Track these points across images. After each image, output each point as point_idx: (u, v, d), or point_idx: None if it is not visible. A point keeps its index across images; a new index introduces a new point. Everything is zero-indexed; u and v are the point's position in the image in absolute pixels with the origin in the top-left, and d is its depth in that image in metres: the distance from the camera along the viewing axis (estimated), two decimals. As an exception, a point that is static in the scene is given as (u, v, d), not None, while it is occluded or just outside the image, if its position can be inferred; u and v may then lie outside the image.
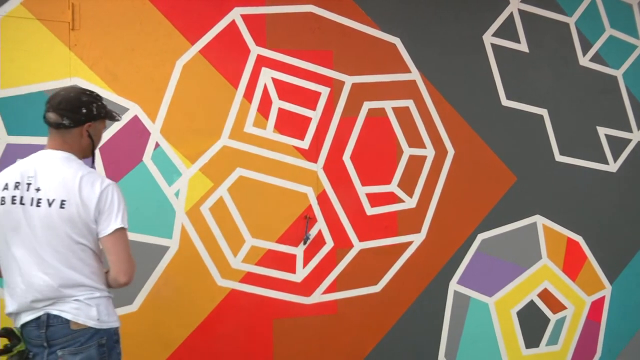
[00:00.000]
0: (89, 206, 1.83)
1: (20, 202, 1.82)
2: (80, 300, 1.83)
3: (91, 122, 1.92)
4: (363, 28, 3.00)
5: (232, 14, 2.79)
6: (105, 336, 1.86)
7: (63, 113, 1.87)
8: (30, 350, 1.83)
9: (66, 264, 1.82)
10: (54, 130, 1.89)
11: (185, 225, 2.72)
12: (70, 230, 1.81)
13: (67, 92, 1.92)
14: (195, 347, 2.75)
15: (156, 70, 2.68)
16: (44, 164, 1.86)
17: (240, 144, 2.80)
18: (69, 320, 1.81)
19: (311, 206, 2.90)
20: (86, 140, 1.94)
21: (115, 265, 1.88)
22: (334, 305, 2.96)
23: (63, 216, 1.81)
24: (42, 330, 1.81)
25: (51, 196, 1.81)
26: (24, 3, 2.53)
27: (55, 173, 1.84)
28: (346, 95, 2.96)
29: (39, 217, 1.81)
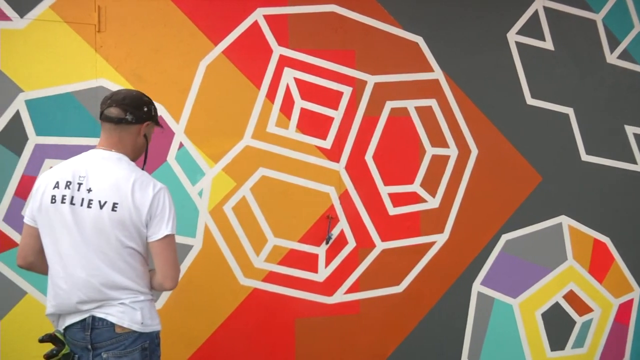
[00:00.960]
0: (141, 210, 1.82)
1: (70, 202, 1.81)
2: (125, 303, 1.83)
3: (149, 122, 1.95)
4: (385, 27, 2.99)
5: (254, 15, 2.81)
6: (148, 340, 1.87)
7: (127, 108, 1.89)
8: (75, 353, 1.85)
9: (113, 266, 1.82)
10: (113, 126, 1.89)
11: (208, 225, 2.75)
12: (120, 233, 1.81)
13: (129, 91, 1.98)
14: (218, 345, 2.77)
15: (180, 71, 2.72)
16: (96, 164, 1.86)
17: (263, 144, 2.81)
18: (114, 324, 1.82)
19: (333, 206, 2.90)
20: (141, 140, 1.96)
21: (162, 270, 1.88)
22: (356, 305, 2.95)
23: (114, 219, 1.80)
24: (87, 333, 1.82)
25: (103, 198, 1.81)
26: (52, 6, 2.58)
27: (107, 174, 1.84)
28: (368, 94, 2.95)
29: (89, 218, 1.81)
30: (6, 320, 2.55)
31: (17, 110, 2.54)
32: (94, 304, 1.82)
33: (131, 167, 1.89)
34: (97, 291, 1.81)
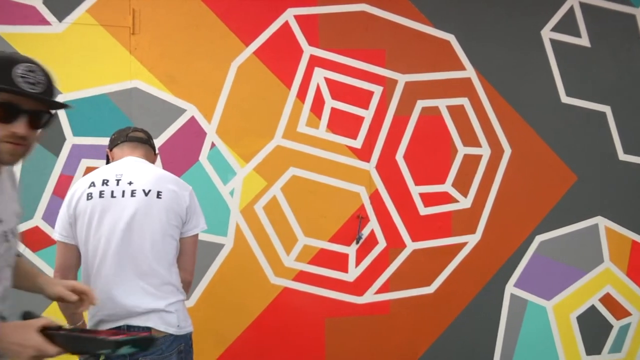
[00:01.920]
0: (182, 203, 1.89)
1: (111, 196, 1.84)
2: (162, 306, 1.82)
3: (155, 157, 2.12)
4: (416, 26, 2.96)
5: (285, 15, 2.82)
6: (183, 342, 1.88)
7: (148, 136, 2.08)
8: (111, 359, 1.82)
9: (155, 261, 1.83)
10: (141, 144, 2.02)
11: (239, 224, 2.77)
12: (165, 217, 1.84)
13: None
14: (249, 343, 2.80)
15: (212, 72, 2.75)
16: (132, 165, 1.93)
17: (294, 144, 2.83)
18: (150, 328, 1.81)
19: (364, 206, 2.89)
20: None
21: (188, 265, 1.95)
22: (386, 305, 2.94)
23: (160, 206, 1.84)
24: None
25: (147, 187, 1.85)
26: (89, 10, 2.64)
27: (147, 170, 1.91)
28: (399, 93, 2.93)
29: (134, 206, 1.82)
30: (45, 316, 2.62)
31: (55, 111, 2.61)
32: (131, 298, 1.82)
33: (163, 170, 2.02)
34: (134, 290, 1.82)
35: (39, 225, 2.62)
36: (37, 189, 2.61)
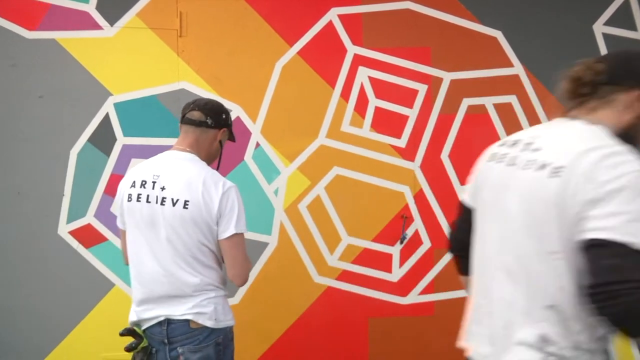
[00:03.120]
0: (210, 207, 1.86)
1: (146, 200, 1.89)
2: (198, 300, 1.87)
3: (225, 129, 2.03)
4: (462, 22, 2.91)
5: (329, 15, 2.82)
6: (221, 335, 1.91)
7: (208, 113, 1.97)
8: (152, 346, 1.91)
9: (185, 263, 1.86)
10: (193, 128, 1.96)
11: (283, 223, 2.79)
12: (191, 229, 1.85)
13: (210, 99, 2.08)
14: (293, 341, 2.82)
15: (257, 73, 2.78)
16: (170, 164, 1.93)
17: (338, 143, 2.82)
18: (189, 320, 1.86)
19: (408, 205, 2.87)
20: (216, 146, 2.03)
21: (230, 268, 1.93)
22: (431, 306, 2.90)
23: (185, 216, 1.85)
24: (163, 327, 1.88)
25: (175, 196, 1.86)
26: (138, 14, 2.72)
27: (180, 173, 1.89)
28: (445, 92, 2.89)
29: (163, 215, 1.86)
30: (96, 310, 2.72)
31: (107, 113, 2.70)
32: (167, 300, 1.88)
33: (202, 166, 1.93)
34: (172, 287, 1.87)
35: (91, 223, 2.71)
36: (89, 188, 2.71)
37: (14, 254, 2.67)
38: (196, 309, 1.87)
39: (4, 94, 2.66)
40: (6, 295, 2.68)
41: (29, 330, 2.69)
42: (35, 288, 2.69)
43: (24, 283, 2.68)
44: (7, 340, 2.68)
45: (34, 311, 2.69)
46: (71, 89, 2.69)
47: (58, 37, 2.68)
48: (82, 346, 2.71)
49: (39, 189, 2.68)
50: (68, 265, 2.70)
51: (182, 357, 1.86)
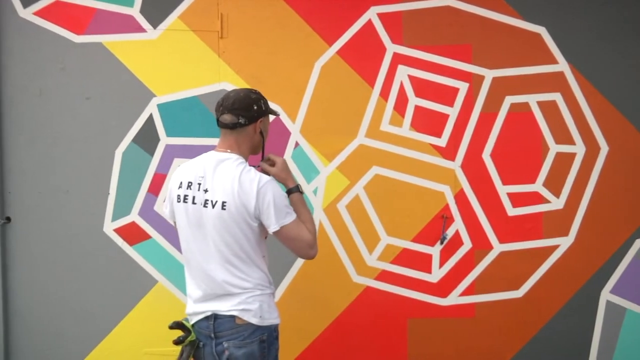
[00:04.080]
0: (247, 206, 1.90)
1: (192, 202, 1.95)
2: (244, 298, 1.92)
3: (262, 118, 2.02)
4: (504, 19, 2.84)
5: (368, 13, 2.81)
6: (266, 333, 1.95)
7: (238, 112, 1.96)
8: (200, 340, 1.97)
9: (230, 263, 1.92)
10: (229, 130, 1.98)
11: (322, 222, 2.80)
12: (233, 230, 1.90)
13: (237, 93, 2.03)
14: (331, 340, 2.82)
15: (296, 73, 2.79)
16: (212, 166, 1.96)
17: (377, 142, 2.81)
18: (234, 316, 1.92)
19: (448, 205, 2.83)
20: (258, 137, 2.04)
21: (294, 251, 2.03)
22: (471, 308, 2.85)
23: (225, 217, 1.90)
24: (210, 322, 1.94)
25: (215, 197, 1.91)
26: (180, 17, 2.77)
27: (219, 175, 1.94)
28: (486, 90, 2.83)
29: (207, 217, 1.92)
30: (139, 306, 2.79)
31: (151, 113, 2.77)
32: (215, 298, 1.94)
33: (240, 166, 1.95)
34: (218, 286, 1.93)
35: (136, 221, 2.78)
36: (133, 186, 2.78)
37: (61, 250, 2.77)
38: (242, 306, 1.92)
39: (54, 96, 2.76)
40: (55, 290, 2.78)
41: (76, 323, 2.78)
42: (82, 284, 2.78)
43: (71, 279, 2.78)
44: (57, 333, 2.78)
45: (80, 305, 2.78)
46: (116, 91, 2.76)
47: (104, 41, 2.77)
48: (126, 341, 2.79)
49: (85, 188, 2.76)
50: (113, 262, 2.78)
51: (227, 351, 1.90)
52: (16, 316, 2.77)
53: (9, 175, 2.76)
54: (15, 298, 2.77)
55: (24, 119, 2.76)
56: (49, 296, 2.78)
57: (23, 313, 2.78)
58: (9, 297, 2.77)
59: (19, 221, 2.76)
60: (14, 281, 2.77)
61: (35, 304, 2.78)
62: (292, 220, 1.96)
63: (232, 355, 1.90)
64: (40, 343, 2.78)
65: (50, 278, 2.78)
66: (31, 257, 2.77)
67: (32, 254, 2.77)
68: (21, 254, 2.77)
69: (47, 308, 2.78)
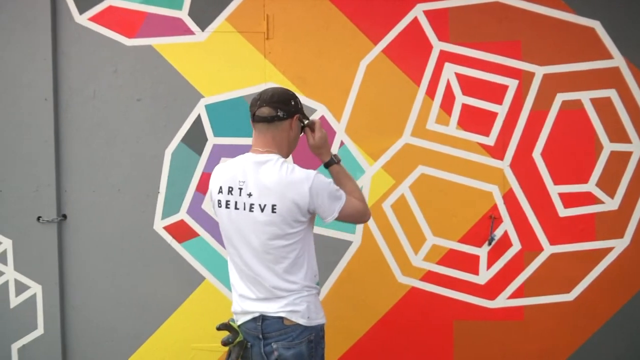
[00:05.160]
0: (301, 206, 1.88)
1: (234, 207, 1.92)
2: (292, 299, 1.91)
3: (298, 115, 2.00)
4: (556, 13, 2.76)
5: (414, 11, 2.78)
6: (313, 333, 1.94)
7: (277, 105, 1.93)
8: (248, 341, 1.96)
9: (276, 266, 1.90)
10: (266, 125, 1.93)
11: (367, 222, 2.78)
12: (282, 233, 1.88)
13: (274, 88, 2.02)
14: (376, 340, 2.81)
15: (341, 72, 2.79)
16: (252, 168, 1.92)
17: (423, 142, 2.78)
18: (282, 317, 1.91)
19: (496, 205, 2.77)
20: (293, 134, 2.00)
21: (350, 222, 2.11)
22: (520, 311, 2.78)
23: (276, 220, 1.87)
24: (258, 323, 1.93)
25: (262, 201, 1.88)
26: (227, 19, 2.82)
27: (264, 178, 1.89)
28: (536, 87, 2.76)
29: (252, 221, 1.89)
30: (187, 302, 2.85)
31: (199, 114, 2.82)
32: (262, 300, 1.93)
33: (284, 166, 1.90)
34: (265, 289, 1.92)
35: (184, 219, 2.85)
36: (182, 185, 2.85)
37: (114, 246, 2.87)
38: (289, 307, 1.91)
39: (107, 98, 2.85)
40: (107, 285, 2.87)
41: (127, 318, 2.87)
42: (133, 279, 2.86)
43: (122, 274, 2.87)
44: (109, 326, 2.88)
45: (131, 300, 2.87)
46: (166, 92, 2.84)
47: (154, 43, 2.84)
48: (174, 336, 2.86)
49: (136, 187, 2.85)
50: (162, 258, 2.86)
51: (276, 352, 1.90)
52: (72, 310, 2.89)
53: (65, 174, 2.87)
54: (71, 292, 2.89)
55: (79, 121, 2.87)
56: (102, 291, 2.88)
57: (78, 307, 2.89)
58: (65, 291, 2.89)
59: (74, 218, 2.88)
60: (70, 276, 2.88)
61: (90, 298, 2.89)
62: (344, 202, 1.96)
63: (281, 355, 1.90)
64: (94, 336, 2.89)
65: (103, 273, 2.88)
66: (86, 252, 2.88)
67: (86, 249, 2.88)
68: (76, 250, 2.88)
69: (100, 302, 2.88)
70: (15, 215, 2.86)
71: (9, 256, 2.88)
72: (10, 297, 2.88)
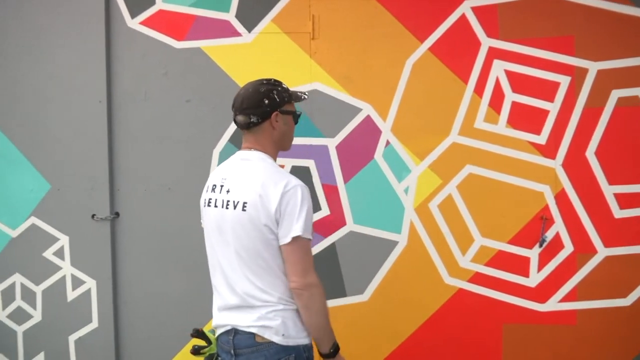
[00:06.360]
0: (269, 209, 1.69)
1: (214, 205, 1.80)
2: (265, 312, 1.72)
3: (277, 111, 1.82)
4: (612, 6, 2.65)
5: (461, 8, 2.73)
6: (293, 354, 1.72)
7: (248, 112, 1.80)
8: (219, 355, 1.82)
9: (249, 271, 1.73)
10: (246, 131, 1.84)
11: (413, 222, 2.76)
12: (253, 234, 1.71)
13: (245, 90, 1.87)
14: (422, 342, 2.78)
15: (387, 71, 2.78)
16: (236, 165, 1.83)
17: (471, 140, 2.73)
18: (254, 333, 1.72)
19: (548, 206, 2.68)
20: (277, 132, 1.84)
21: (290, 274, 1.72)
22: (572, 315, 2.69)
23: (244, 219, 1.72)
24: (230, 337, 1.77)
25: (236, 198, 1.75)
26: (274, 20, 2.85)
27: (242, 174, 1.79)
28: (590, 83, 2.66)
29: (229, 219, 1.75)
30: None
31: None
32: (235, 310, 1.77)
33: (265, 165, 1.79)
34: (238, 297, 1.75)
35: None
36: (229, 185, 2.89)
37: (164, 244, 2.94)
38: (261, 322, 1.72)
39: (158, 100, 2.93)
40: (157, 282, 2.95)
41: (177, 313, 2.94)
42: (182, 276, 2.93)
43: (172, 271, 2.94)
44: (159, 322, 2.96)
45: (180, 297, 2.94)
46: (214, 93, 2.89)
47: (202, 46, 2.90)
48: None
49: (186, 186, 2.91)
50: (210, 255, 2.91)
51: None
52: (124, 305, 2.98)
53: (118, 173, 2.97)
54: (123, 287, 2.98)
55: (131, 122, 2.96)
56: (152, 286, 2.96)
57: (130, 301, 2.98)
58: (118, 287, 2.99)
59: (126, 216, 2.97)
60: (122, 271, 2.98)
61: (141, 293, 2.97)
62: (307, 238, 1.71)
63: None
64: (145, 330, 2.97)
65: (153, 269, 2.96)
66: (137, 250, 2.97)
67: (138, 247, 2.97)
68: (128, 247, 2.98)
69: (150, 298, 2.96)
70: (71, 212, 2.98)
71: (66, 252, 3.01)
72: (67, 291, 3.01)
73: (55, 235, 3.01)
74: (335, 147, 2.81)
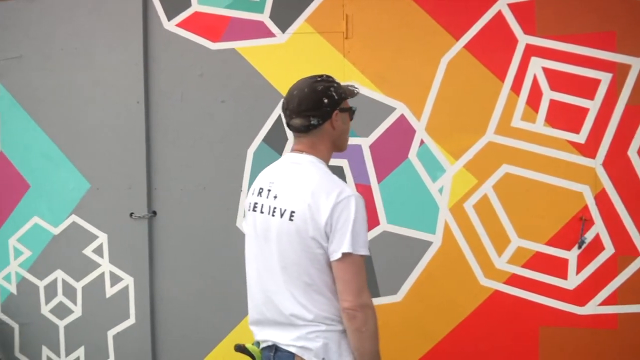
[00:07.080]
0: (318, 221, 1.56)
1: (260, 211, 1.68)
2: (305, 332, 1.60)
3: (337, 109, 1.70)
4: (658, -1, 2.57)
5: (498, 5, 2.68)
6: None
7: (308, 114, 1.66)
8: None
9: (293, 285, 1.61)
10: (303, 134, 1.70)
11: (448, 222, 2.73)
12: (299, 247, 1.59)
13: (300, 90, 1.71)
14: (457, 343, 2.74)
15: (421, 70, 2.75)
16: (285, 169, 1.72)
17: (507, 140, 2.68)
18: (293, 353, 1.61)
19: (587, 207, 2.61)
20: (338, 129, 1.72)
21: (341, 293, 1.58)
22: (613, 319, 2.61)
23: (291, 230, 1.59)
24: (271, 353, 1.68)
25: (284, 206, 1.62)
26: (307, 20, 2.86)
27: (291, 180, 1.66)
28: (633, 80, 2.57)
29: (275, 228, 1.63)
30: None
31: (279, 114, 2.88)
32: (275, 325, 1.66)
33: (317, 172, 1.65)
34: (279, 313, 1.65)
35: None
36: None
37: (200, 242, 2.99)
38: (301, 342, 1.60)
39: (194, 101, 2.99)
40: (193, 279, 3.00)
41: (212, 310, 2.99)
42: (217, 274, 2.97)
43: (207, 269, 2.99)
44: (195, 318, 3.01)
45: (215, 294, 2.98)
46: (248, 94, 2.92)
47: (237, 47, 2.94)
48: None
49: (221, 185, 2.96)
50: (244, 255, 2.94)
51: None
52: (161, 302, 3.05)
53: (155, 173, 3.04)
54: (159, 284, 3.05)
55: (167, 122, 3.02)
56: (188, 284, 3.02)
57: (166, 298, 3.05)
58: (155, 284, 3.05)
59: (163, 215, 3.04)
60: (159, 269, 3.05)
61: (177, 290, 3.03)
62: (361, 255, 1.57)
63: None
64: (181, 327, 3.03)
65: (189, 267, 3.01)
66: (173, 247, 3.03)
67: (174, 244, 3.03)
68: (165, 245, 3.04)
69: (186, 295, 3.02)
70: (110, 211, 3.06)
71: (105, 249, 3.09)
72: (106, 288, 3.09)
73: (94, 233, 3.10)
74: (369, 147, 2.80)
